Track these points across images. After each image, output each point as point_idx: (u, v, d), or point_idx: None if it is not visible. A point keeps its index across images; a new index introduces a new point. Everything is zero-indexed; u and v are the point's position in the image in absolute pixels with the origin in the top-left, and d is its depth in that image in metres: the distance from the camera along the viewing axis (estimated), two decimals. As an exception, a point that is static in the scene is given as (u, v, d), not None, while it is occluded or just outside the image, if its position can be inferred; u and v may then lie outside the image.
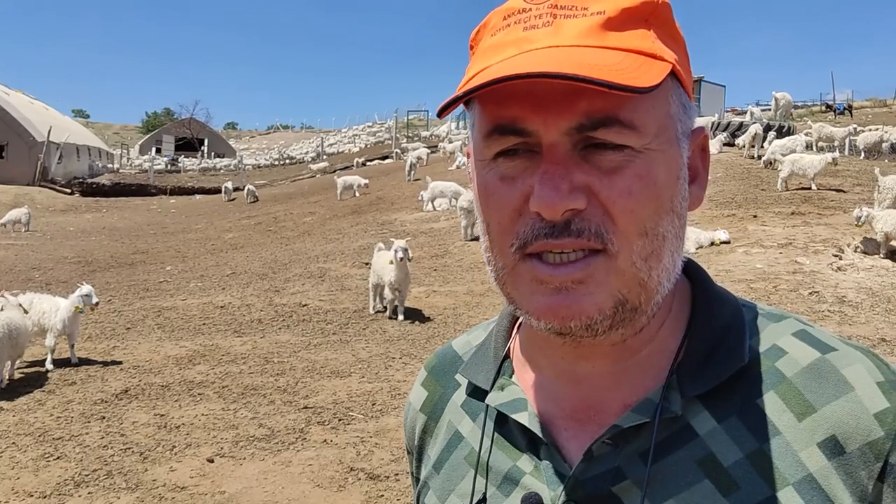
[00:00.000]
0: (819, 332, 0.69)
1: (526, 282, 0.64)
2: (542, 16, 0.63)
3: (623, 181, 0.61)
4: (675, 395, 0.66)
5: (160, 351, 7.80)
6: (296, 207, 23.37)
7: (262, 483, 4.65)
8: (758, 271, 9.28)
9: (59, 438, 5.36)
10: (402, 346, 7.82)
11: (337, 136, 64.33)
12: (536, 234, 0.62)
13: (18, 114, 37.39)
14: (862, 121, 29.60)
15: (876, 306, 7.80)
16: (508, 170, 0.64)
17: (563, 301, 0.62)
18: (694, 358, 0.68)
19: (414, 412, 0.87)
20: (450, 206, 17.02)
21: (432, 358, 0.90)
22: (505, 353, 0.79)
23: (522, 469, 0.71)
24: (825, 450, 0.62)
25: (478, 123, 0.66)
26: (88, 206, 30.80)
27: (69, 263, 14.97)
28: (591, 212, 0.61)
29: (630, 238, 0.62)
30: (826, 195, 13.99)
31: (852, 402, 0.63)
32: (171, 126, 67.98)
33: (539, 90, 0.60)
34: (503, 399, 0.74)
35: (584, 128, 0.60)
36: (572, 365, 0.71)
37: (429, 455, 0.83)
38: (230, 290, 11.14)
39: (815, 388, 0.64)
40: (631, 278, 0.63)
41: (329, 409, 5.94)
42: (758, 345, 0.69)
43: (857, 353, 0.66)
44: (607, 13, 0.62)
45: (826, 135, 21.72)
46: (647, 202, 0.62)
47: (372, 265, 9.36)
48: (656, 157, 0.63)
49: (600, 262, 0.62)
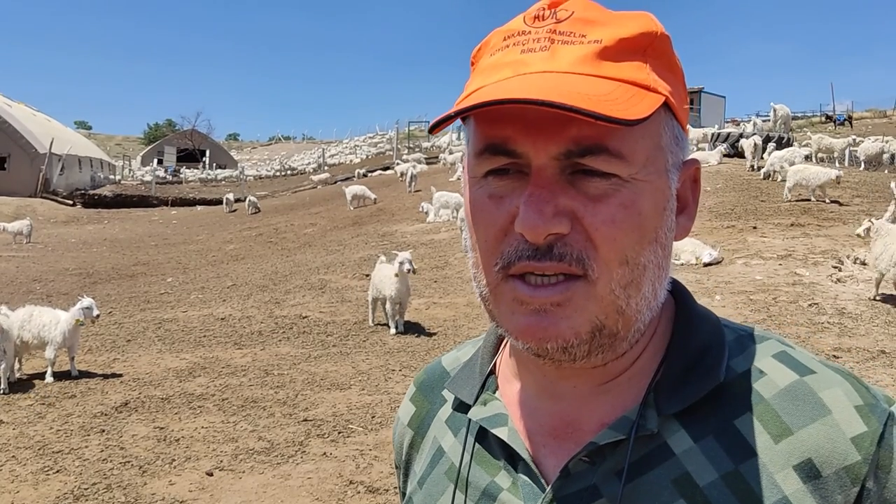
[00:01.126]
0: (800, 354, 0.69)
1: (507, 301, 0.65)
2: (541, 40, 0.64)
3: (608, 209, 0.62)
4: (651, 413, 0.67)
5: (160, 363, 7.81)
6: (297, 218, 23.40)
7: (262, 497, 4.64)
8: (757, 283, 9.28)
9: (59, 452, 5.36)
10: (402, 358, 7.82)
11: (338, 147, 64.46)
12: (520, 255, 0.63)
13: (20, 125, 37.51)
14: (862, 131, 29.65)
15: (875, 318, 7.79)
16: (497, 189, 0.65)
17: (540, 323, 0.63)
18: (671, 376, 0.68)
19: (402, 427, 0.88)
20: (451, 217, 17.05)
21: (421, 373, 0.90)
22: (490, 368, 0.79)
23: (500, 485, 0.71)
24: (801, 473, 0.62)
25: (471, 141, 0.67)
26: (90, 217, 30.84)
27: (70, 275, 14.99)
28: (574, 237, 0.62)
29: (610, 266, 0.62)
30: (826, 207, 14.00)
31: (829, 425, 0.63)
32: (173, 137, 68.13)
33: (531, 114, 0.61)
34: (485, 414, 0.74)
35: (573, 154, 0.61)
36: (553, 383, 0.72)
37: (415, 471, 0.84)
38: (231, 302, 11.15)
39: (792, 410, 0.65)
40: (609, 305, 0.63)
41: (329, 422, 5.93)
42: (737, 365, 0.69)
43: (836, 377, 0.66)
44: (604, 42, 0.63)
45: (825, 146, 21.77)
46: (629, 231, 0.63)
47: (372, 278, 9.33)
48: (643, 187, 0.64)
49: (580, 287, 0.63)
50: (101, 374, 7.40)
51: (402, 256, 8.78)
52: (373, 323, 9.28)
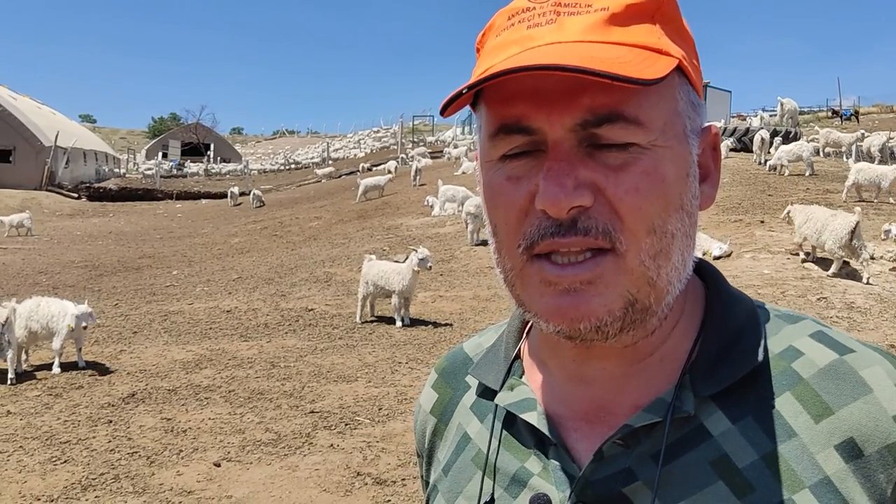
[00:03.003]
0: (836, 334, 0.68)
1: (534, 283, 0.63)
2: (546, 13, 0.63)
3: (630, 178, 0.61)
4: (688, 395, 0.65)
5: (167, 355, 7.81)
6: (302, 212, 23.40)
7: (269, 487, 4.64)
8: (765, 277, 9.25)
9: (67, 442, 5.37)
10: (408, 350, 7.81)
11: (342, 142, 64.45)
12: (543, 233, 0.61)
13: (26, 118, 37.59)
14: (868, 126, 29.51)
15: (885, 312, 7.76)
16: (515, 169, 0.63)
17: (571, 303, 0.61)
18: (707, 358, 0.67)
19: (424, 415, 0.86)
20: (456, 210, 17.01)
21: (443, 360, 0.89)
22: (515, 353, 0.78)
23: (530, 470, 0.70)
24: (843, 452, 0.61)
25: (484, 125, 0.66)
26: (95, 210, 30.90)
27: (76, 268, 15.01)
28: (598, 210, 0.60)
29: (638, 236, 0.61)
30: (834, 200, 13.94)
31: (871, 403, 0.62)
32: (178, 131, 68.11)
33: (543, 87, 0.60)
34: (512, 399, 0.73)
35: (589, 124, 0.60)
36: (582, 366, 0.70)
37: (438, 458, 0.82)
38: (236, 295, 11.16)
39: (832, 389, 0.63)
40: (640, 277, 0.62)
41: (335, 414, 5.93)
42: (774, 346, 0.68)
43: (875, 355, 0.65)
44: (611, 9, 0.62)
45: (833, 140, 21.67)
46: (654, 199, 0.61)
47: (363, 274, 9.19)
48: (664, 153, 0.62)
49: (609, 261, 0.61)
50: (108, 366, 7.41)
51: (422, 252, 8.75)
52: (360, 321, 9.13)
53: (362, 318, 9.20)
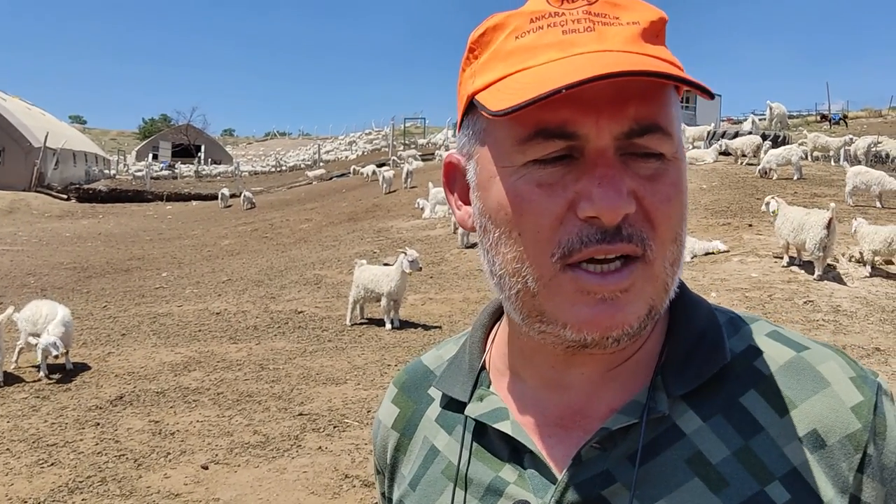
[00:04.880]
0: (789, 333, 0.71)
1: (568, 293, 0.63)
2: (581, 21, 0.63)
3: (664, 188, 0.63)
4: (661, 395, 0.67)
5: (155, 357, 7.79)
6: (292, 214, 23.35)
7: (257, 490, 4.64)
8: (753, 280, 9.30)
9: (54, 445, 5.35)
10: (397, 353, 7.82)
11: (334, 144, 64.29)
12: (586, 240, 0.61)
13: (15, 119, 37.30)
14: (857, 131, 29.73)
15: (870, 316, 7.83)
16: (545, 176, 0.62)
17: (607, 311, 0.62)
18: (677, 359, 0.69)
19: (385, 430, 0.85)
20: (448, 213, 17.02)
21: (401, 374, 0.88)
22: (481, 364, 0.78)
23: (506, 479, 0.70)
24: (808, 443, 0.64)
25: (509, 128, 0.63)
26: (84, 211, 30.71)
27: (65, 269, 14.93)
28: (636, 218, 0.62)
29: (665, 244, 0.64)
30: (822, 204, 14.03)
31: (830, 396, 0.65)
32: (168, 132, 67.83)
33: (588, 95, 0.59)
34: (483, 409, 0.73)
35: (634, 133, 0.61)
36: (561, 373, 0.71)
37: (403, 473, 0.81)
38: (226, 297, 11.13)
39: (793, 384, 0.66)
40: (661, 284, 0.64)
41: (324, 417, 5.93)
42: (735, 345, 0.70)
43: (828, 351, 0.68)
44: (641, 24, 0.63)
45: (821, 145, 21.77)
46: (678, 208, 0.64)
47: (355, 279, 9.19)
48: (680, 165, 0.65)
49: (639, 269, 0.62)
50: (96, 368, 7.38)
51: (411, 254, 8.76)
52: (350, 323, 9.13)
53: (352, 320, 9.20)
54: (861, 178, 14.03)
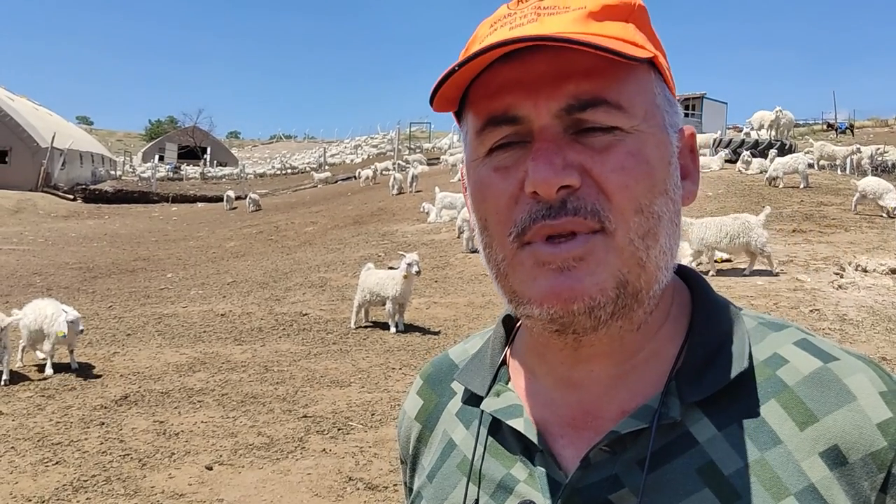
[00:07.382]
0: (820, 342, 0.68)
1: (527, 268, 0.64)
2: (527, 15, 0.65)
3: (615, 158, 0.62)
4: (674, 401, 0.65)
5: (160, 358, 7.80)
6: (297, 217, 23.39)
7: (261, 491, 4.64)
8: (759, 288, 9.28)
9: (59, 444, 5.36)
10: (402, 356, 7.82)
11: (339, 147, 64.43)
12: (534, 217, 0.62)
13: (22, 119, 37.45)
14: (863, 140, 29.69)
15: (877, 325, 7.80)
16: (502, 160, 0.65)
17: (565, 282, 0.62)
18: (693, 364, 0.67)
19: (409, 421, 0.86)
20: (452, 217, 17.03)
21: (428, 366, 0.89)
22: (501, 360, 0.78)
23: (516, 477, 0.69)
24: (827, 460, 0.61)
25: (471, 124, 0.67)
26: (90, 212, 30.81)
27: (70, 269, 14.97)
28: (586, 191, 0.62)
29: (626, 214, 0.62)
30: (828, 213, 14.01)
31: (855, 411, 0.62)
32: (175, 134, 68.00)
33: (528, 78, 0.62)
34: (498, 405, 0.73)
35: (573, 108, 0.62)
36: (570, 369, 0.70)
37: (423, 465, 0.82)
38: (231, 299, 11.14)
39: (817, 396, 0.63)
40: (630, 257, 0.63)
41: (328, 419, 5.93)
42: (759, 353, 0.68)
43: (859, 363, 0.65)
44: (588, 8, 0.64)
45: (828, 153, 21.75)
46: (640, 178, 0.63)
47: (360, 283, 9.18)
48: (647, 137, 0.64)
49: (599, 240, 0.62)
50: (101, 368, 7.39)
51: (410, 258, 8.76)
52: (354, 326, 9.12)
53: (357, 323, 9.20)
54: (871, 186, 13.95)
